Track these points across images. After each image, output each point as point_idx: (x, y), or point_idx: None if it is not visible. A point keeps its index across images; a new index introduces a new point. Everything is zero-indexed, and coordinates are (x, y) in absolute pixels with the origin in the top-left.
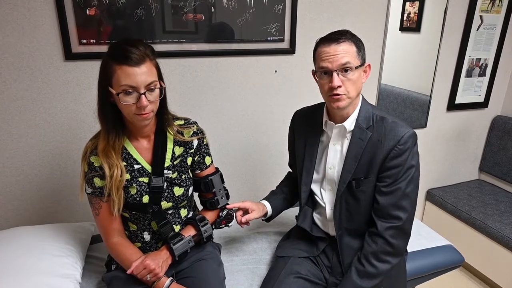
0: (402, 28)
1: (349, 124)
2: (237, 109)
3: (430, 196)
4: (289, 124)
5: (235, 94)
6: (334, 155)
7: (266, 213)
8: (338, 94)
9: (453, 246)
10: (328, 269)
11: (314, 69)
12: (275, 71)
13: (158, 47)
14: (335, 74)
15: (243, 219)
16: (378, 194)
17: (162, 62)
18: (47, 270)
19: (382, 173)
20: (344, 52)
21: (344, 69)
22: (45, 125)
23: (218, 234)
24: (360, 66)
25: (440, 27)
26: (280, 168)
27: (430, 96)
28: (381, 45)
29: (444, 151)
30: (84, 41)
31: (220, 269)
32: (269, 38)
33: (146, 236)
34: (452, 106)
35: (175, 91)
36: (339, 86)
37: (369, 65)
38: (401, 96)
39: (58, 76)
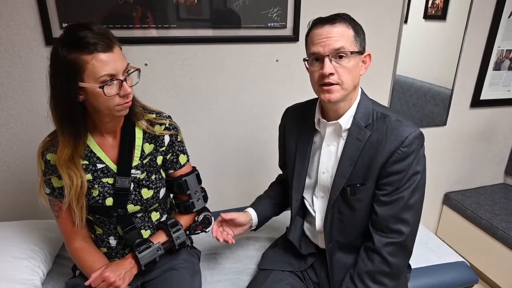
0: (426, 16)
1: (345, 121)
2: (234, 101)
3: (448, 200)
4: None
5: (232, 85)
6: (328, 157)
7: (251, 222)
8: (330, 84)
9: (467, 264)
10: (315, 285)
11: (305, 57)
12: (276, 61)
13: (145, 32)
14: (327, 60)
15: (224, 216)
16: (377, 204)
17: (150, 48)
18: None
19: (382, 180)
20: (338, 35)
21: (338, 54)
22: (27, 114)
23: (203, 238)
24: (357, 52)
25: (467, 14)
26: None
27: (452, 91)
28: (396, 34)
29: (465, 151)
30: (66, 24)
31: (194, 279)
32: (269, 24)
33: (112, 241)
34: (477, 102)
35: (165, 81)
36: (331, 74)
37: (369, 55)
38: (422, 90)
39: (39, 62)
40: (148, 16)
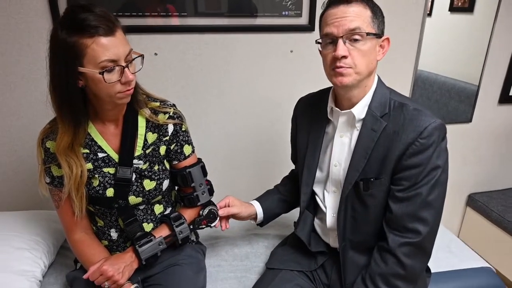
0: (452, 8)
1: (359, 110)
2: (246, 92)
3: (472, 201)
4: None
5: (244, 76)
6: (341, 149)
7: (256, 216)
8: (342, 67)
9: (493, 270)
10: (326, 287)
11: (318, 39)
12: (291, 51)
13: (153, 21)
14: (340, 42)
15: (220, 212)
16: (392, 200)
17: (160, 37)
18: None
19: (398, 174)
20: (354, 14)
21: (353, 37)
22: (37, 104)
23: (208, 233)
24: (374, 35)
25: (496, 6)
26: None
27: (478, 87)
28: (419, 28)
29: (492, 150)
30: None
31: (198, 276)
32: (284, 13)
33: (113, 234)
34: (506, 98)
35: (175, 71)
36: (344, 57)
37: (387, 39)
38: (446, 85)
39: None
40: (164, 4)
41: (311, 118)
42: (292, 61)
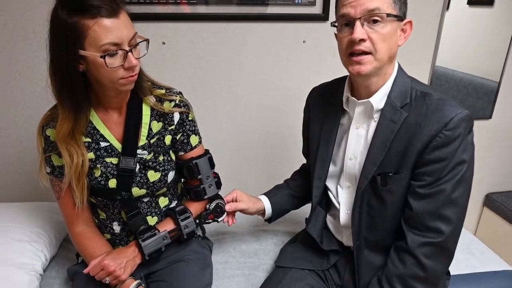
0: (471, 2)
1: (378, 100)
2: (256, 84)
3: (490, 201)
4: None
5: (254, 67)
6: (356, 141)
7: (264, 211)
8: (360, 53)
9: None
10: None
11: (333, 22)
12: (304, 42)
13: (161, 9)
14: (358, 23)
15: (227, 207)
16: (412, 197)
17: (168, 26)
18: None
19: (419, 168)
20: None
21: (372, 18)
22: (43, 93)
23: (215, 228)
24: (395, 17)
25: None
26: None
27: (499, 83)
28: (437, 22)
29: None
30: None
31: (203, 273)
32: (297, 1)
33: (116, 227)
34: None
35: (183, 61)
36: (362, 40)
37: (410, 22)
38: (463, 82)
39: None
40: None
41: (325, 108)
42: (305, 52)
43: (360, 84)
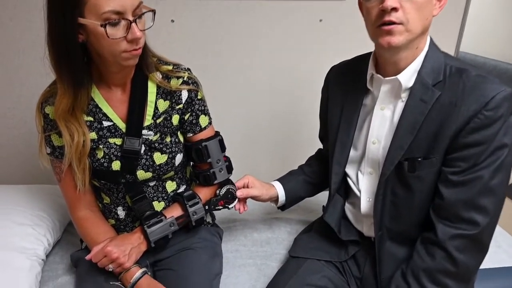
0: None
1: (407, 78)
2: (270, 65)
3: None
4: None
5: (268, 46)
6: (381, 124)
7: (277, 198)
8: (391, 23)
9: None
10: (358, 281)
11: None
12: (320, 20)
13: None
14: None
15: (238, 193)
16: (444, 185)
17: (177, 2)
18: None
19: (453, 153)
20: None
21: None
22: (49, 71)
23: (225, 215)
24: None
25: None
26: (318, 141)
27: None
28: (462, 7)
29: None
30: None
31: (213, 262)
32: None
33: (120, 213)
34: None
35: (193, 40)
36: (394, 9)
37: None
38: (485, 67)
39: None
40: None
41: (346, 88)
42: (321, 31)
43: (387, 59)
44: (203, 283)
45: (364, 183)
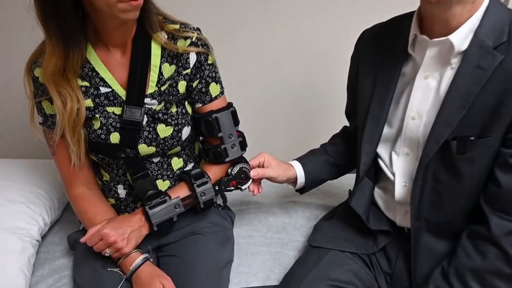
0: None
1: (461, 39)
2: (291, 33)
3: None
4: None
5: (290, 13)
6: (424, 95)
7: (295, 180)
8: None
9: None
10: (387, 277)
11: None
12: None
13: None
14: None
15: (252, 173)
16: (502, 170)
17: None
18: None
19: None
20: None
21: None
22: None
23: (238, 197)
24: None
25: None
26: (342, 117)
27: None
28: None
29: None
30: None
31: (223, 249)
32: None
33: (121, 191)
34: None
35: (206, 5)
36: None
37: None
38: None
39: None
40: None
41: (381, 54)
42: None
43: (436, 16)
44: (212, 272)
45: (399, 165)
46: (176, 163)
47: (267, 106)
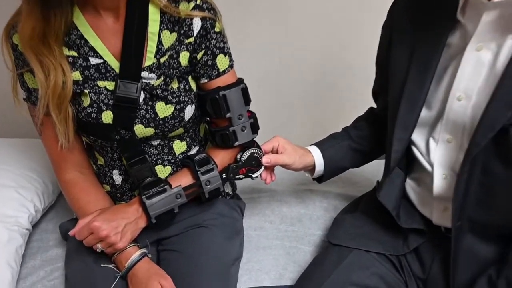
0: None
1: None
2: (312, 4)
3: None
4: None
5: None
6: (475, 71)
7: (313, 167)
8: None
9: None
10: (420, 282)
11: None
12: None
13: None
14: None
15: (264, 159)
16: None
17: None
18: None
19: None
20: None
21: None
22: None
23: (248, 184)
24: None
25: None
26: (367, 98)
27: None
28: None
29: None
30: None
31: (231, 243)
32: None
33: (116, 177)
34: None
35: None
36: None
37: None
38: None
39: None
40: None
41: (420, 22)
42: None
43: None
44: (218, 270)
45: (438, 154)
46: (179, 146)
47: (281, 83)
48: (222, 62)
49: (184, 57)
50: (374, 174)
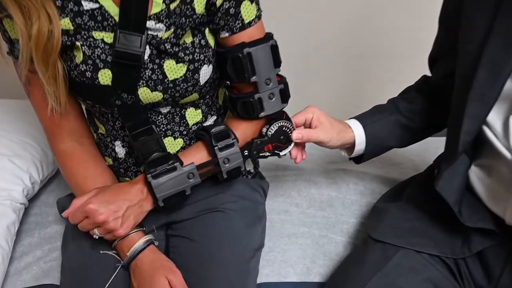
0: None
1: None
2: None
3: None
4: None
5: None
6: None
7: (353, 145)
8: None
9: None
10: None
11: None
12: None
13: None
14: None
15: (295, 135)
16: None
17: None
18: None
19: None
20: None
21: None
22: None
23: (272, 160)
24: None
25: None
26: (411, 69)
27: None
28: None
29: None
30: None
31: (252, 231)
32: None
33: (119, 149)
34: None
35: None
36: None
37: None
38: None
39: None
40: None
41: None
42: None
43: None
44: (236, 263)
45: None
46: (192, 115)
47: (311, 56)
48: (247, 10)
49: (199, 3)
50: (419, 154)
